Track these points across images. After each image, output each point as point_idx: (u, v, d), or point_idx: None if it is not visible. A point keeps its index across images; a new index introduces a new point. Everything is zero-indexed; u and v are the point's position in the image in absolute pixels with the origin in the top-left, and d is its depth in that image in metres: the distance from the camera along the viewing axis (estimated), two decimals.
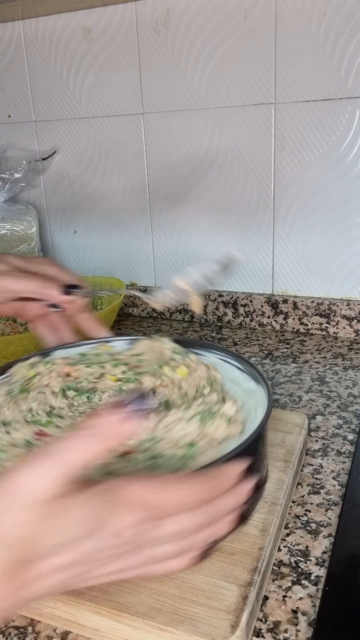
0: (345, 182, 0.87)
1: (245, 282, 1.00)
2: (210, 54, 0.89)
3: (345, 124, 0.84)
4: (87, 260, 1.13)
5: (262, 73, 0.87)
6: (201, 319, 1.03)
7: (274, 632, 0.40)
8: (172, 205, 1.01)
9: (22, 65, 1.05)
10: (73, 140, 1.06)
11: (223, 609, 0.38)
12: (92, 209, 1.08)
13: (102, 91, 1.00)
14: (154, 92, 0.95)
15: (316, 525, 0.50)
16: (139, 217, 1.04)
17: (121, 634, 0.39)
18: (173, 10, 0.89)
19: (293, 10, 0.82)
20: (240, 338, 0.95)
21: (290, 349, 0.89)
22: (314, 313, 0.93)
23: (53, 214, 1.13)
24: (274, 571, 0.45)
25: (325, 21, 0.81)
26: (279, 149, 0.89)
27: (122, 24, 0.94)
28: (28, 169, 1.04)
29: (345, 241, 0.89)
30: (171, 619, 0.38)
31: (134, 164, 1.01)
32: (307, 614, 0.41)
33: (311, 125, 0.86)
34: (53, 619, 0.41)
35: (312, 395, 0.73)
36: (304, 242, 0.92)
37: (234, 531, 0.39)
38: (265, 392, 0.48)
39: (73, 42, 0.99)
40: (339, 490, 0.54)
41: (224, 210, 0.97)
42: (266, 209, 0.93)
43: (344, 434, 0.64)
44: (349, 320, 0.91)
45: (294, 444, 0.56)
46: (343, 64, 0.81)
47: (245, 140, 0.91)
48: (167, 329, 1.01)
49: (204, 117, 0.93)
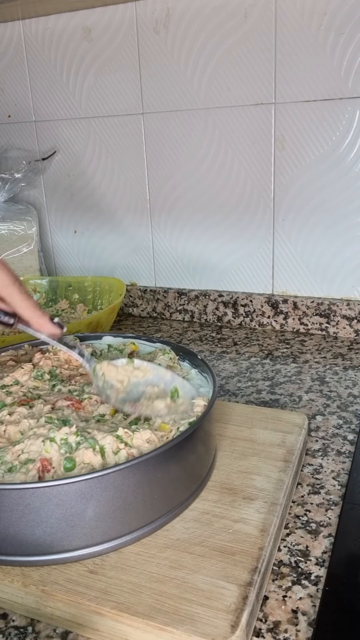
0: (345, 182, 0.87)
1: (245, 282, 1.00)
2: (210, 54, 0.89)
3: (345, 124, 0.84)
4: (87, 260, 1.13)
5: (262, 73, 0.87)
6: (201, 319, 1.03)
7: (274, 632, 0.40)
8: (172, 205, 1.01)
9: (22, 65, 1.05)
10: (73, 140, 1.06)
11: (223, 609, 0.38)
12: (92, 209, 1.08)
13: (102, 91, 1.00)
14: (154, 92, 0.95)
15: (316, 525, 0.50)
16: (139, 217, 1.04)
17: (121, 634, 0.39)
18: (173, 10, 0.89)
19: (293, 10, 0.82)
20: (240, 338, 0.95)
21: (290, 349, 0.89)
22: (314, 313, 0.93)
23: (53, 214, 1.13)
24: (274, 571, 0.45)
25: (325, 21, 0.81)
26: (279, 149, 0.89)
27: (122, 24, 0.94)
28: (28, 169, 1.04)
29: (345, 241, 0.89)
30: (171, 619, 0.38)
31: (134, 164, 1.01)
32: (307, 614, 0.41)
33: (311, 125, 0.86)
34: (53, 619, 0.41)
35: (312, 395, 0.73)
36: (304, 242, 0.92)
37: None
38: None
39: (73, 42, 0.99)
40: (339, 490, 0.54)
41: (224, 210, 0.97)
42: (266, 209, 0.93)
43: (344, 434, 0.64)
44: (349, 320, 0.91)
45: (294, 444, 0.56)
46: (343, 64, 0.81)
47: (245, 140, 0.91)
48: (167, 329, 1.01)
49: (204, 117, 0.93)
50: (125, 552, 0.44)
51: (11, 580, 0.42)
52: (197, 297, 1.02)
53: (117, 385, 0.53)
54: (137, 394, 0.53)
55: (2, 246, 1.03)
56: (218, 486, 0.51)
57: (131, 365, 0.55)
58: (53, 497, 0.41)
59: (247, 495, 0.49)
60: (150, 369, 0.55)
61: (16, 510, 0.41)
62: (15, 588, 0.42)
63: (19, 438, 0.47)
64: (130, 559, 0.43)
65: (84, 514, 0.42)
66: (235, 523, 0.46)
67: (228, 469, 0.53)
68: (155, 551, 0.43)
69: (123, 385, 0.53)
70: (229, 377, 0.80)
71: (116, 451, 0.45)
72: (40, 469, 0.44)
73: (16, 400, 0.53)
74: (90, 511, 0.42)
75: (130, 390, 0.53)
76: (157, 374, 0.54)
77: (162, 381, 0.54)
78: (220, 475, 0.52)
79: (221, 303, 1.01)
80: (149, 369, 0.55)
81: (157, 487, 0.45)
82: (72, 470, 0.44)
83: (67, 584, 0.41)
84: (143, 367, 0.55)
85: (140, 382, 0.54)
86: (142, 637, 0.38)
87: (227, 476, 0.52)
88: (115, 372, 0.54)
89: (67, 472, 0.43)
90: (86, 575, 0.42)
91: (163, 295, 1.05)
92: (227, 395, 0.74)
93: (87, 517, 0.42)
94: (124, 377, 0.54)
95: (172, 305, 1.05)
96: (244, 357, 0.86)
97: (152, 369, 0.55)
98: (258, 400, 0.73)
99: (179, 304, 1.04)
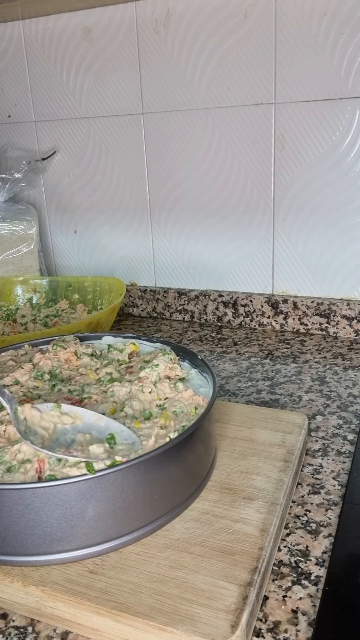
0: (345, 182, 0.87)
1: (245, 282, 1.00)
2: (210, 54, 0.89)
3: (345, 124, 0.84)
4: (87, 260, 1.13)
5: (262, 73, 0.87)
6: (201, 319, 1.03)
7: (274, 632, 0.40)
8: (172, 205, 1.01)
9: (22, 65, 1.05)
10: (73, 140, 1.06)
11: (223, 609, 0.38)
12: (92, 209, 1.08)
13: (102, 91, 1.00)
14: (154, 92, 0.95)
15: (316, 525, 0.50)
16: (139, 217, 1.04)
17: (121, 634, 0.39)
18: (173, 10, 0.89)
19: (293, 10, 0.82)
20: (240, 338, 0.95)
21: (290, 349, 0.89)
22: (314, 313, 0.93)
23: (53, 214, 1.13)
24: (274, 571, 0.45)
25: (325, 21, 0.81)
26: (279, 149, 0.89)
27: (122, 24, 0.94)
28: (28, 169, 1.04)
29: (345, 241, 0.89)
30: (171, 619, 0.38)
31: (134, 164, 1.01)
32: (307, 614, 0.41)
33: (311, 125, 0.86)
34: (53, 619, 0.41)
35: (312, 395, 0.73)
36: (304, 242, 0.92)
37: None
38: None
39: (73, 42, 0.99)
40: (339, 490, 0.54)
41: (224, 210, 0.97)
42: (266, 209, 0.93)
43: (344, 434, 0.64)
44: (349, 320, 0.91)
45: (294, 444, 0.56)
46: (343, 64, 0.81)
47: (245, 140, 0.91)
48: (167, 329, 1.01)
49: (204, 117, 0.93)
50: (125, 552, 0.44)
51: (11, 580, 0.42)
52: (197, 297, 1.02)
53: (40, 432, 0.47)
54: (64, 442, 0.46)
55: (2, 246, 1.03)
56: (218, 486, 0.51)
57: (58, 410, 0.49)
58: (53, 497, 0.41)
59: (247, 495, 0.49)
60: (81, 414, 0.49)
61: (16, 510, 0.41)
62: (15, 588, 0.42)
63: (18, 438, 0.47)
64: (130, 559, 0.43)
65: (84, 514, 0.42)
66: (235, 523, 0.46)
67: (228, 469, 0.53)
68: (155, 551, 0.44)
69: (48, 432, 0.47)
70: (229, 377, 0.80)
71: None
72: (38, 470, 0.44)
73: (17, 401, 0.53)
74: (90, 511, 0.42)
75: (57, 439, 0.47)
76: (89, 420, 0.49)
77: (95, 429, 0.48)
78: (220, 475, 0.52)
79: (221, 303, 1.01)
80: (79, 415, 0.49)
81: (157, 487, 0.45)
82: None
83: (67, 584, 0.41)
84: (72, 413, 0.49)
85: (68, 429, 0.48)
86: (142, 637, 0.38)
87: (227, 476, 0.52)
88: (39, 418, 0.48)
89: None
90: (86, 575, 0.42)
91: (163, 295, 1.05)
92: (227, 395, 0.74)
93: (87, 517, 0.42)
94: (48, 424, 0.48)
95: (172, 305, 1.05)
96: (244, 357, 0.86)
97: (84, 414, 0.49)
98: (258, 400, 0.73)
99: (179, 304, 1.04)
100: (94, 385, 0.56)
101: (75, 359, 0.61)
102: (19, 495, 0.41)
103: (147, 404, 0.53)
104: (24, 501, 0.41)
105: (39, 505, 0.41)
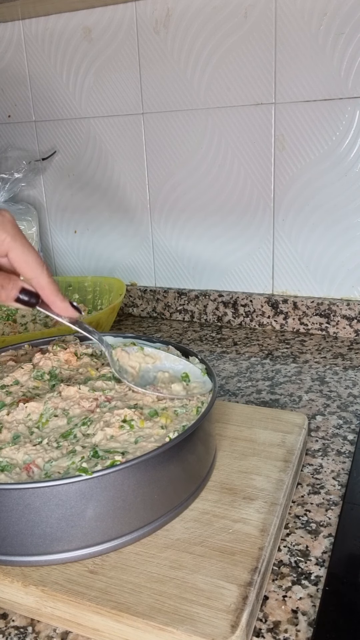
0: (345, 182, 0.87)
1: (245, 282, 1.00)
2: (210, 54, 0.89)
3: (345, 124, 0.84)
4: (87, 260, 1.13)
5: (262, 73, 0.87)
6: (201, 319, 1.03)
7: (274, 632, 0.40)
8: (172, 205, 1.01)
9: (22, 65, 1.05)
10: (73, 140, 1.06)
11: (223, 609, 0.38)
12: (92, 209, 1.08)
13: (102, 91, 1.00)
14: (154, 92, 0.95)
15: (316, 525, 0.50)
16: (139, 217, 1.04)
17: (121, 634, 0.39)
18: (173, 10, 0.89)
19: (293, 10, 0.82)
20: (240, 338, 0.95)
21: (290, 349, 0.89)
22: (314, 313, 0.93)
23: (53, 214, 1.13)
24: (274, 571, 0.45)
25: (325, 21, 0.81)
26: (279, 149, 0.89)
27: (122, 24, 0.94)
28: (28, 169, 1.04)
29: (345, 241, 0.89)
30: (171, 619, 0.38)
31: (134, 164, 1.01)
32: (307, 614, 0.41)
33: (311, 125, 0.86)
34: (53, 619, 0.41)
35: (312, 395, 0.73)
36: (304, 242, 0.92)
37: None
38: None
39: (73, 42, 0.99)
40: (339, 490, 0.54)
41: (224, 210, 0.97)
42: (266, 209, 0.93)
43: (344, 434, 0.64)
44: (349, 320, 0.91)
45: (294, 444, 0.56)
46: (343, 64, 0.81)
47: (245, 140, 0.91)
48: (167, 329, 1.01)
49: (204, 117, 0.93)
50: (125, 552, 0.44)
51: (11, 580, 0.42)
52: (197, 297, 1.02)
53: (130, 371, 0.56)
54: (148, 379, 0.56)
55: None
56: (218, 486, 0.51)
57: (141, 352, 0.58)
58: (53, 497, 0.41)
59: (247, 495, 0.49)
60: (160, 355, 0.58)
61: (16, 510, 0.41)
62: (15, 588, 0.42)
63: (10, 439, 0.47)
64: (130, 559, 0.43)
65: (84, 514, 0.42)
66: (235, 523, 0.46)
67: (228, 469, 0.53)
68: (155, 551, 0.44)
69: (136, 370, 0.57)
70: (229, 377, 0.80)
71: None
72: (27, 471, 0.44)
73: (16, 400, 0.53)
74: (90, 511, 0.42)
75: (142, 376, 0.56)
76: (166, 360, 0.58)
77: (171, 368, 0.57)
78: (220, 475, 0.52)
79: (221, 303, 1.01)
80: (159, 356, 0.58)
81: (157, 487, 0.45)
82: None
83: (67, 584, 0.41)
84: (153, 354, 0.58)
85: (150, 368, 0.57)
86: (142, 637, 0.38)
87: (227, 476, 0.52)
88: (127, 359, 0.57)
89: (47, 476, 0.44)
90: (86, 575, 0.42)
91: (163, 295, 1.05)
92: (227, 395, 0.74)
93: (87, 517, 0.42)
94: (135, 364, 0.57)
95: (172, 305, 1.05)
96: (244, 357, 0.86)
97: (162, 356, 0.58)
98: (258, 400, 0.73)
99: (179, 304, 1.05)
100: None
101: (75, 360, 0.61)
102: (19, 495, 0.41)
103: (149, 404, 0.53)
104: (24, 501, 0.41)
105: (39, 505, 0.41)
